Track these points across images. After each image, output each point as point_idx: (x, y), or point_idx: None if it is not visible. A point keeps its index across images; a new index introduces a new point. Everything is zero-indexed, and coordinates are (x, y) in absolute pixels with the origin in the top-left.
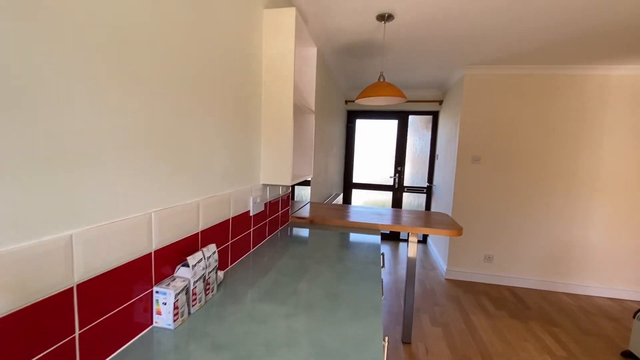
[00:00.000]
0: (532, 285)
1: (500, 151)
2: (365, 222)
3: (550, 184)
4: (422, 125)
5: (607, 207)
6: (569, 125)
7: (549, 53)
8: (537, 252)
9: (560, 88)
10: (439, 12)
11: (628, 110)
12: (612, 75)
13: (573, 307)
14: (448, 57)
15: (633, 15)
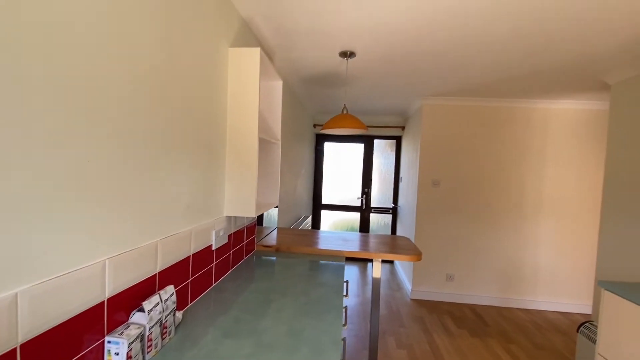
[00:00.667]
0: (490, 303)
1: (457, 176)
2: (330, 249)
3: (502, 207)
4: (387, 148)
5: (552, 228)
6: (516, 153)
7: (497, 88)
8: (494, 270)
9: (508, 119)
10: (395, 51)
11: (566, 140)
12: (552, 109)
13: (527, 323)
14: (407, 89)
15: (565, 59)
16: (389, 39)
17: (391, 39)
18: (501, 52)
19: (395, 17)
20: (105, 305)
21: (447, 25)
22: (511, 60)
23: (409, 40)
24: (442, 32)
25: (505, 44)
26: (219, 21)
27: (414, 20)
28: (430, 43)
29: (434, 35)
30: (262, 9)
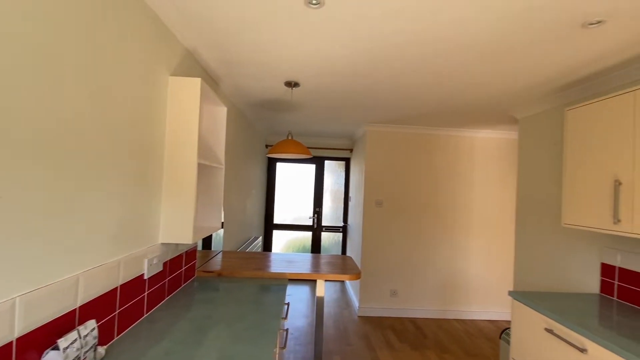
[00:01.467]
0: (430, 315)
1: (398, 196)
2: (273, 272)
3: (438, 225)
4: (338, 169)
5: (480, 242)
6: (449, 176)
7: (431, 119)
8: (433, 284)
9: (441, 146)
10: (337, 84)
11: (490, 164)
12: (477, 137)
13: (461, 332)
14: (352, 116)
15: (483, 98)
16: (331, 72)
17: (332, 72)
18: (430, 92)
19: (334, 53)
20: (13, 345)
21: (383, 64)
22: (440, 97)
23: (348, 75)
24: (378, 71)
25: (432, 86)
26: (159, 51)
27: (350, 57)
28: (368, 79)
29: (371, 72)
30: (205, 40)
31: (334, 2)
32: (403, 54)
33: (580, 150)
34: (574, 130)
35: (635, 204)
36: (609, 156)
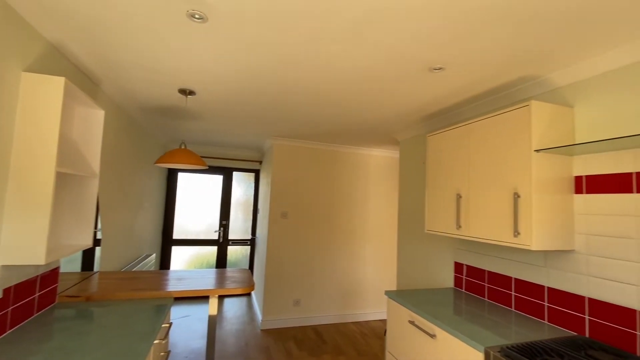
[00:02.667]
0: (330, 321)
1: (303, 208)
2: (155, 292)
3: (339, 234)
4: (248, 180)
5: (374, 249)
6: (348, 189)
7: (333, 136)
8: (334, 290)
9: (342, 161)
10: (236, 96)
11: (382, 179)
12: (372, 155)
13: (356, 334)
14: (258, 129)
15: (370, 121)
16: (228, 83)
17: (230, 83)
18: (324, 112)
19: (227, 66)
20: None
21: (276, 84)
22: (335, 118)
23: (247, 89)
24: (274, 89)
25: (325, 106)
26: (6, 40)
27: (245, 72)
28: (266, 95)
29: (267, 89)
30: (73, 35)
31: (219, 20)
32: (290, 76)
33: (436, 169)
34: (432, 153)
35: (469, 213)
36: (453, 175)
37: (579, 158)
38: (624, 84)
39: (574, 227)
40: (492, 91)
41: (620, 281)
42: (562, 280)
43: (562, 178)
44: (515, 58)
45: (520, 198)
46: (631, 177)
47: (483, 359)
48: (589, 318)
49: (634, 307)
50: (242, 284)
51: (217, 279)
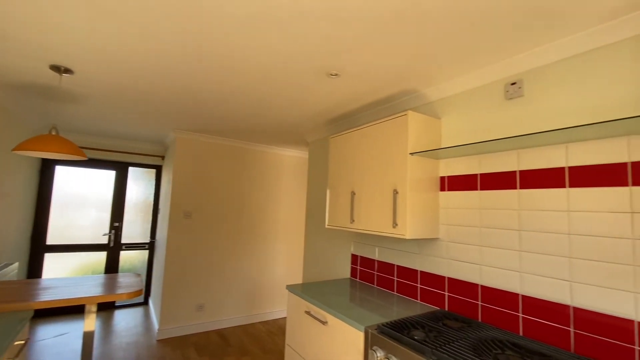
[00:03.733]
0: (237, 323)
1: (209, 207)
2: (6, 304)
3: (248, 234)
4: (148, 177)
5: (285, 248)
6: (259, 188)
7: (244, 133)
8: (241, 292)
9: (254, 160)
10: (132, 80)
11: (293, 178)
12: (284, 155)
13: (263, 333)
14: (159, 119)
15: (281, 121)
16: (120, 64)
17: (121, 64)
18: (230, 108)
19: (117, 47)
20: None
21: (177, 70)
22: (242, 114)
23: (142, 75)
24: (175, 74)
25: (233, 103)
26: None
27: (140, 56)
28: (168, 82)
29: (169, 76)
30: None
31: None
32: (194, 67)
33: (337, 169)
34: (334, 154)
35: (361, 208)
36: (349, 174)
37: (443, 162)
38: (475, 102)
39: (439, 219)
40: (383, 100)
41: (468, 261)
42: (430, 264)
43: (431, 178)
44: (396, 74)
45: (398, 194)
46: (476, 177)
47: (363, 337)
48: (447, 294)
49: (476, 281)
50: (127, 289)
51: (98, 285)
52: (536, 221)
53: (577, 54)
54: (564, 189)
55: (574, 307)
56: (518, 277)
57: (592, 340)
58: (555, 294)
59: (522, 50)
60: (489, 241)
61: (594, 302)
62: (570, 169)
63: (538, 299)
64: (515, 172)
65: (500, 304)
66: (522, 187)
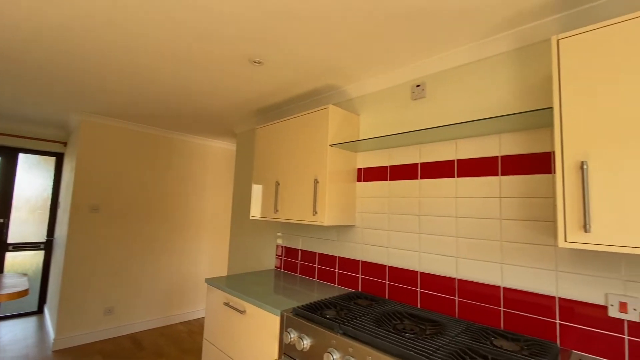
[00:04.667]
0: (153, 325)
1: (120, 201)
2: None
3: (168, 230)
4: (46, 166)
5: (211, 243)
6: (182, 180)
7: (164, 120)
8: (158, 292)
9: (175, 150)
10: (25, 48)
11: (220, 171)
12: (211, 146)
13: (183, 333)
14: (58, 99)
15: (206, 110)
16: (7, 26)
17: (10, 27)
18: (145, 91)
19: None
20: None
21: (80, 38)
22: (160, 98)
23: (37, 38)
24: (74, 43)
25: (147, 84)
26: None
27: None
28: (64, 54)
29: (64, 44)
30: None
31: None
32: (93, 36)
33: (262, 160)
34: (260, 144)
35: (284, 198)
36: (274, 164)
37: (360, 155)
38: (387, 101)
39: (355, 207)
40: (308, 94)
41: (378, 245)
42: (347, 250)
43: (349, 170)
44: (319, 67)
45: (318, 183)
46: (387, 169)
47: (279, 320)
48: (361, 277)
49: (384, 263)
50: (9, 289)
51: None
52: (432, 207)
53: (467, 63)
54: (453, 178)
55: (458, 279)
56: (417, 257)
57: (471, 306)
58: (445, 269)
59: (426, 56)
60: (395, 226)
61: (473, 274)
62: (458, 161)
63: (432, 274)
64: (417, 164)
65: (403, 281)
66: (422, 178)
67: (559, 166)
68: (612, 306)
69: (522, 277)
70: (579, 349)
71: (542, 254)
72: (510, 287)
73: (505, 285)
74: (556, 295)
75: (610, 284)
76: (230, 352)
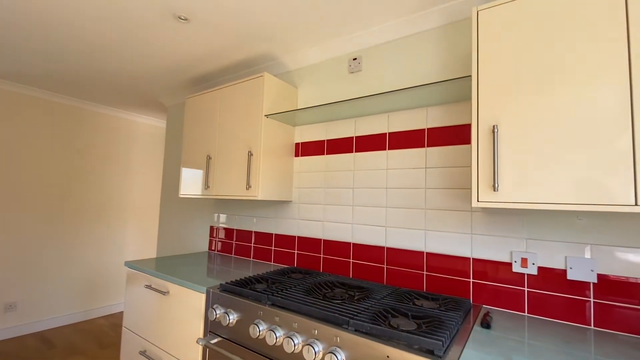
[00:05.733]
0: (67, 322)
1: (21, 182)
2: None
3: (87, 214)
4: None
5: (140, 228)
6: (104, 159)
7: (79, 88)
8: (74, 285)
9: (93, 124)
10: None
11: (150, 150)
12: (139, 122)
13: (104, 327)
14: None
15: (127, 77)
16: None
17: None
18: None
19: None
20: None
21: None
22: (70, 55)
23: None
24: None
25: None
26: None
27: None
28: None
29: None
30: None
31: None
32: None
33: (192, 132)
34: (190, 116)
35: (216, 173)
36: (206, 137)
37: (298, 129)
38: (325, 74)
39: (292, 183)
40: (244, 63)
41: (314, 219)
42: (283, 227)
43: (286, 144)
44: (249, 30)
45: (252, 156)
46: (323, 143)
47: (204, 298)
48: (297, 252)
49: (320, 237)
50: None
51: None
52: (365, 179)
53: (400, 38)
54: (385, 151)
55: (387, 247)
56: (350, 229)
57: (397, 272)
58: (376, 239)
59: (360, 28)
60: (331, 200)
61: (400, 242)
62: (390, 134)
63: (364, 245)
64: (352, 138)
65: (336, 253)
66: (357, 151)
67: (474, 132)
68: (516, 262)
69: (442, 242)
70: (488, 304)
71: (460, 219)
72: (432, 251)
73: (428, 251)
74: (471, 257)
75: (515, 243)
76: (152, 337)
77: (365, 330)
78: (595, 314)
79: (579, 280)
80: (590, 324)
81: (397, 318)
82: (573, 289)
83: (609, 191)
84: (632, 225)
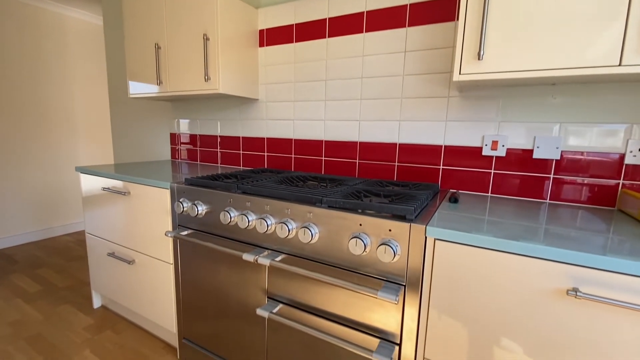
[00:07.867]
0: (27, 239)
1: None
2: None
3: (23, 132)
4: None
5: (92, 143)
6: (35, 62)
7: None
8: (26, 205)
9: (11, 18)
10: None
11: (89, 51)
12: (70, 17)
13: (70, 243)
14: None
15: None
16: None
17: None
18: None
19: None
20: None
21: None
22: None
23: None
24: None
25: None
26: None
27: None
28: None
29: None
30: None
31: None
32: None
33: (135, 18)
34: (129, 5)
35: (169, 66)
36: (152, 22)
37: (262, 11)
38: None
39: (258, 78)
40: None
41: (284, 119)
42: (251, 128)
43: (249, 31)
44: None
45: (209, 41)
46: (292, 28)
47: (169, 194)
48: (266, 154)
49: (290, 137)
50: None
51: None
52: (339, 69)
53: None
54: (361, 34)
55: (360, 142)
56: (322, 126)
57: (370, 166)
58: (349, 134)
59: None
60: (301, 95)
61: (373, 135)
62: (368, 13)
63: (336, 141)
64: (325, 20)
65: (308, 152)
66: (330, 36)
67: None
68: (486, 146)
69: (416, 132)
70: (456, 188)
71: (436, 106)
72: (405, 142)
73: (401, 142)
74: (443, 144)
75: (487, 127)
76: (118, 239)
77: (338, 206)
78: (552, 189)
79: (543, 159)
80: (547, 198)
81: (369, 197)
82: (537, 167)
83: (594, 52)
84: (600, 100)
